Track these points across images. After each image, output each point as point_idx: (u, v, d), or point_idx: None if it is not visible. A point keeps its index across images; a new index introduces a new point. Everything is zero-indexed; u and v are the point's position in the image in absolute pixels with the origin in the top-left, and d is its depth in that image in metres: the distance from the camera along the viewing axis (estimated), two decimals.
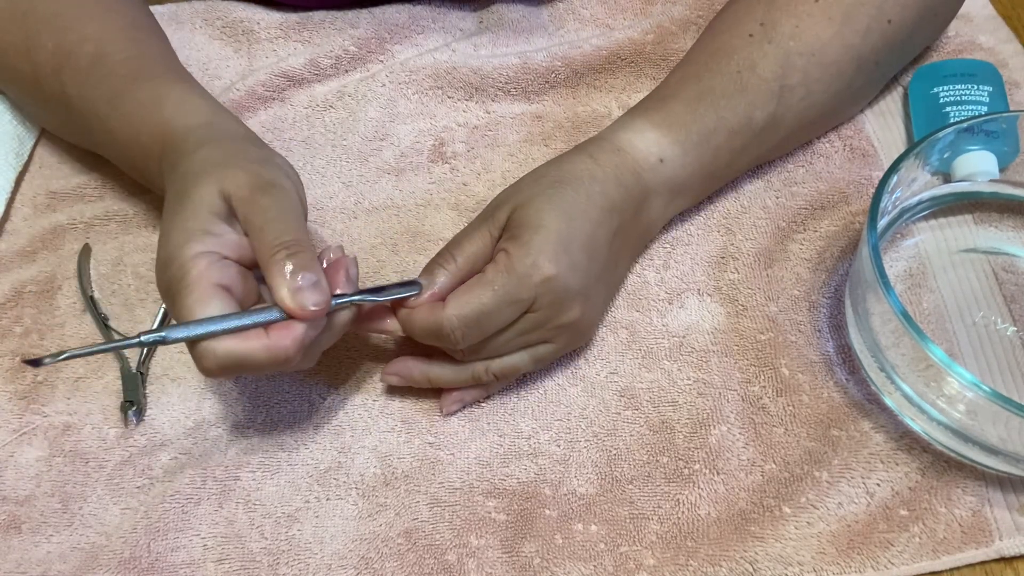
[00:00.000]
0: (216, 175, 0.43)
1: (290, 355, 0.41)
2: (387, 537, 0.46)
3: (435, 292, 0.45)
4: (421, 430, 0.49)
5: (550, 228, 0.45)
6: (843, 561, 0.44)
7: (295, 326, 0.41)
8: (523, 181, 0.49)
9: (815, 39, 0.52)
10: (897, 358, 0.46)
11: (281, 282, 0.40)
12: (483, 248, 0.46)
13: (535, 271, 0.44)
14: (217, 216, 0.42)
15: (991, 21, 0.64)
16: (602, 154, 0.49)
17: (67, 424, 0.50)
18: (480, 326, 0.44)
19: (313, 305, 0.40)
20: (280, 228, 0.42)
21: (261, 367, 0.41)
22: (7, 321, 0.54)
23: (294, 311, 0.40)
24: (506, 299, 0.44)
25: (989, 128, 0.53)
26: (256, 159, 0.45)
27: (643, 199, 0.50)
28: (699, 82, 0.52)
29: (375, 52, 0.64)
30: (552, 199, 0.46)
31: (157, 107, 0.49)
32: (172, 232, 0.42)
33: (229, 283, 0.42)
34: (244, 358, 0.40)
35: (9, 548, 0.47)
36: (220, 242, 0.42)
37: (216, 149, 0.45)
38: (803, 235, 0.55)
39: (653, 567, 0.45)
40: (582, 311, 0.47)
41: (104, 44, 0.52)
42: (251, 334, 0.40)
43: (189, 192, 0.43)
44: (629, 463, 0.48)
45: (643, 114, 0.52)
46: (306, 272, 0.41)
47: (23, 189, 0.60)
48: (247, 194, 0.43)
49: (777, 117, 0.52)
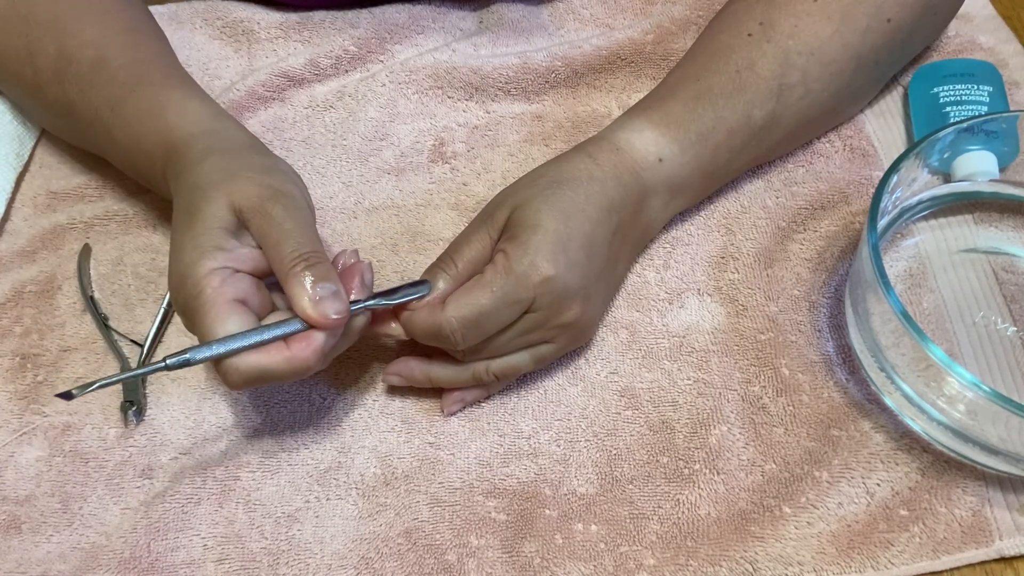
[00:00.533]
0: (224, 188, 0.43)
1: (310, 365, 0.42)
2: (387, 537, 0.46)
3: (436, 296, 0.45)
4: (421, 430, 0.49)
5: (548, 228, 0.45)
6: (843, 561, 0.44)
7: (314, 337, 0.42)
8: (521, 182, 0.49)
9: (814, 38, 0.52)
10: (897, 358, 0.46)
11: (302, 294, 0.41)
12: (483, 251, 0.47)
13: (533, 271, 0.44)
14: (227, 231, 0.43)
15: (991, 21, 0.64)
16: (601, 153, 0.49)
17: (67, 424, 0.50)
18: (479, 327, 0.45)
19: (335, 314, 0.41)
20: (296, 240, 0.42)
21: (283, 377, 0.42)
22: (7, 321, 0.54)
23: (316, 321, 0.41)
24: (505, 300, 0.44)
25: (989, 128, 0.53)
26: (262, 168, 0.46)
27: (642, 198, 0.50)
28: (697, 81, 0.52)
29: (375, 52, 0.64)
30: (550, 199, 0.46)
31: (158, 114, 0.49)
32: (184, 250, 0.42)
33: (244, 296, 0.43)
34: (267, 371, 0.41)
35: (9, 548, 0.47)
36: (232, 256, 0.43)
37: (221, 160, 0.46)
38: (803, 235, 0.55)
39: (653, 567, 0.45)
40: (582, 310, 0.47)
41: (104, 49, 0.52)
42: (272, 348, 0.41)
43: (198, 207, 0.43)
44: (629, 463, 0.48)
45: (641, 113, 0.52)
46: (325, 283, 0.41)
47: (23, 189, 0.60)
48: (258, 205, 0.43)
49: (776, 116, 0.52)
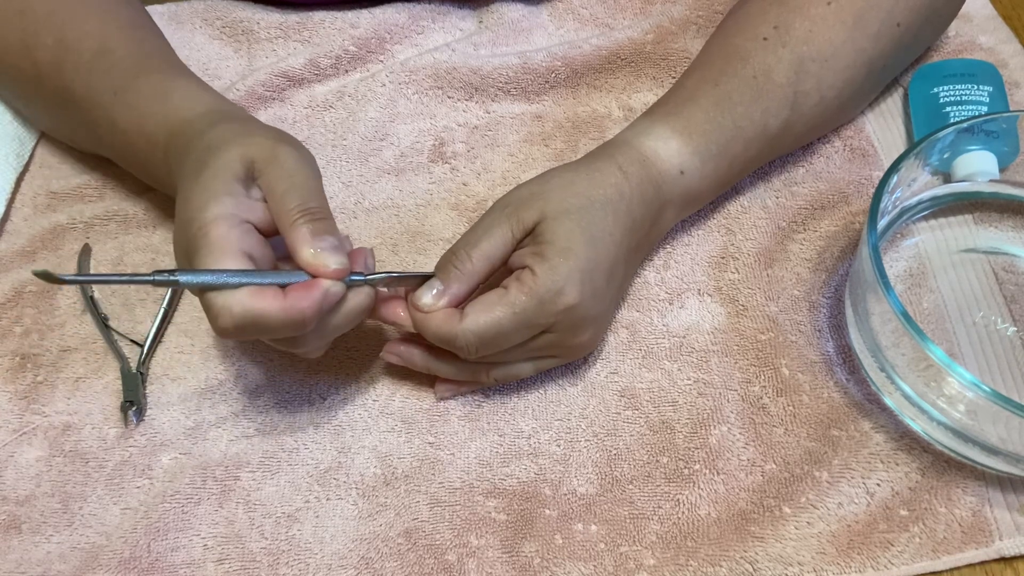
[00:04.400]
0: (238, 141, 0.43)
1: (306, 317, 0.40)
2: (387, 537, 0.46)
3: (451, 298, 0.44)
4: (421, 430, 0.49)
5: (579, 255, 0.44)
6: (843, 561, 0.44)
7: (314, 288, 0.40)
8: (552, 184, 0.47)
9: (828, 44, 0.51)
10: (897, 358, 0.46)
11: (304, 243, 0.41)
12: (502, 247, 0.45)
13: (559, 299, 0.44)
14: (238, 180, 0.42)
15: (991, 21, 0.64)
16: (631, 166, 0.48)
17: (67, 424, 0.50)
18: (495, 343, 0.44)
19: (336, 264, 0.41)
20: (303, 193, 0.42)
21: (277, 328, 0.40)
22: (7, 321, 0.54)
23: (316, 268, 0.40)
24: (525, 323, 0.44)
25: (989, 128, 0.53)
26: (275, 132, 0.46)
27: (660, 212, 0.50)
28: (716, 87, 0.51)
29: (375, 52, 0.64)
30: (583, 221, 0.45)
31: (163, 97, 0.49)
32: (192, 195, 0.41)
33: (249, 249, 0.41)
34: (260, 316, 0.39)
35: (9, 548, 0.47)
36: (240, 204, 0.42)
37: (233, 123, 0.46)
38: (803, 235, 0.55)
39: (653, 567, 0.45)
40: (596, 332, 0.48)
41: (106, 40, 0.52)
42: (268, 292, 0.40)
43: (210, 160, 0.43)
44: (629, 463, 0.48)
45: (664, 120, 0.51)
46: (328, 235, 0.41)
47: (23, 189, 0.60)
48: (270, 155, 0.43)
49: (790, 124, 0.52)
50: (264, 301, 0.39)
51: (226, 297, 0.39)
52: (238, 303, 0.39)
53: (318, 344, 0.44)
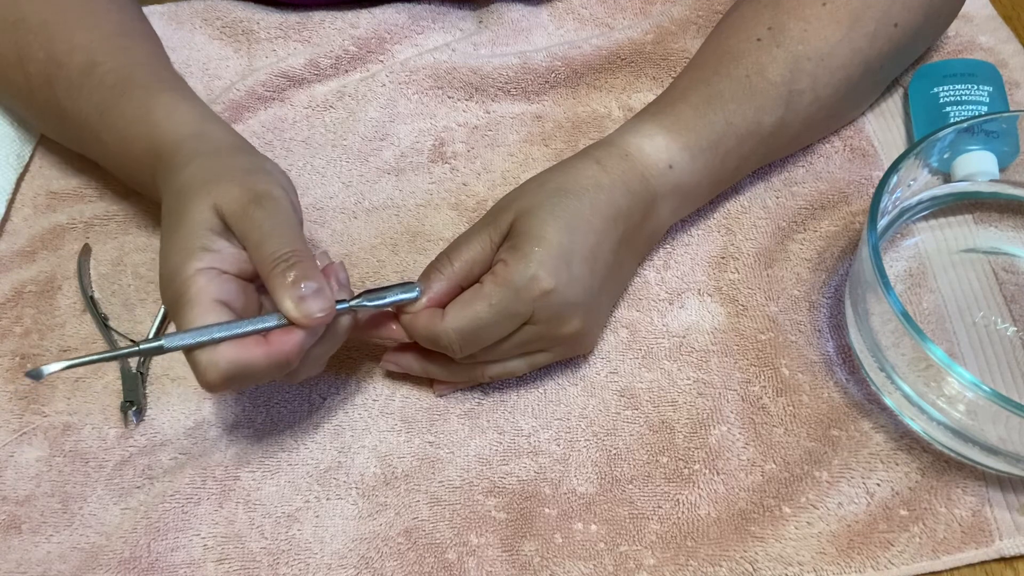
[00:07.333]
0: (207, 191, 0.43)
1: (290, 359, 0.41)
2: (387, 536, 0.46)
3: (432, 298, 0.45)
4: (421, 429, 0.49)
5: (551, 241, 0.45)
6: (843, 561, 0.44)
7: (294, 332, 0.41)
8: (527, 185, 0.49)
9: (823, 43, 0.51)
10: (897, 358, 0.46)
11: (284, 293, 0.41)
12: (482, 253, 0.46)
13: (533, 285, 0.44)
14: (213, 232, 0.43)
15: (991, 21, 0.64)
16: (609, 160, 0.49)
17: (67, 424, 0.50)
18: (477, 338, 0.45)
19: (319, 312, 0.41)
20: (277, 241, 0.42)
21: (263, 375, 0.41)
22: (7, 321, 0.54)
23: (299, 320, 0.41)
24: (503, 313, 0.44)
25: (989, 128, 0.53)
26: (246, 169, 0.45)
27: (651, 205, 0.50)
28: (708, 86, 0.51)
29: (375, 52, 0.64)
30: (554, 209, 0.46)
31: (145, 119, 0.49)
32: (171, 252, 0.42)
33: (228, 298, 0.42)
34: (247, 367, 0.40)
35: (9, 548, 0.47)
36: (218, 258, 0.42)
37: (206, 162, 0.46)
38: (803, 235, 0.55)
39: (653, 567, 0.45)
40: (583, 323, 0.47)
41: (93, 53, 0.52)
42: (251, 342, 0.41)
43: (183, 210, 0.43)
44: (629, 463, 0.48)
45: (651, 118, 0.51)
46: (308, 281, 0.41)
47: (23, 189, 0.60)
48: (240, 208, 0.43)
49: (785, 122, 0.52)
50: (248, 351, 0.40)
51: (210, 353, 0.40)
52: (223, 358, 0.40)
53: (314, 370, 0.45)
